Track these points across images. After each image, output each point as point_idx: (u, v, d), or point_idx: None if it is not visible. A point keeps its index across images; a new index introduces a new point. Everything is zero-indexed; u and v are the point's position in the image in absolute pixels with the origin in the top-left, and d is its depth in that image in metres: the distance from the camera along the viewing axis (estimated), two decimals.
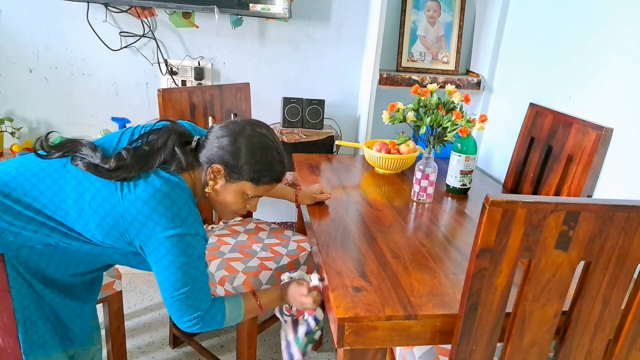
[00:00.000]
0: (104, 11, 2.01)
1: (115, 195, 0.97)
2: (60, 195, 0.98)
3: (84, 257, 1.05)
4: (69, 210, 0.97)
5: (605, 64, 1.34)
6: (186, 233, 0.97)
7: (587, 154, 1.35)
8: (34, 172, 0.99)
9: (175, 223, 0.96)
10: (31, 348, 1.00)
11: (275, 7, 1.92)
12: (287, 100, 2.01)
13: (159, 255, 0.97)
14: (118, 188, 0.97)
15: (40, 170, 1.00)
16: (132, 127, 1.09)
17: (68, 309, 1.08)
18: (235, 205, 1.11)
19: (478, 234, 0.70)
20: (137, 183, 0.97)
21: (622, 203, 0.70)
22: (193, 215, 0.99)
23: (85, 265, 1.08)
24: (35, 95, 2.12)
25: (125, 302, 2.11)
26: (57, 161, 1.02)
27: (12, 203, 0.95)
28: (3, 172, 0.99)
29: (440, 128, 1.40)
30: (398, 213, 1.36)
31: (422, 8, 2.06)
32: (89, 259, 1.06)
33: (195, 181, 1.07)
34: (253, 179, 1.06)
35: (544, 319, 0.79)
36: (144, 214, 0.95)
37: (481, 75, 2.04)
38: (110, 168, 0.97)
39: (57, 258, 1.02)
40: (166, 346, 1.85)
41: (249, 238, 1.59)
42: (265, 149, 1.06)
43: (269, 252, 1.50)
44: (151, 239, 0.96)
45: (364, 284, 0.96)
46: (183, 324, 1.04)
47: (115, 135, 1.09)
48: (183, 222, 0.97)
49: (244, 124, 1.08)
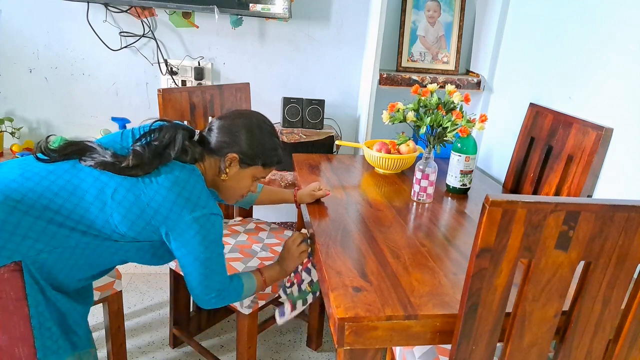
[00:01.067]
0: (104, 11, 2.01)
1: (138, 186, 1.00)
2: (78, 194, 0.99)
3: (100, 256, 1.07)
4: (89, 206, 0.99)
5: (605, 64, 1.34)
6: (211, 213, 1.04)
7: (587, 154, 1.35)
8: (42, 175, 1.00)
9: (200, 205, 1.03)
10: (46, 355, 1.01)
11: (275, 7, 1.92)
12: (287, 100, 2.01)
13: (188, 237, 1.02)
14: (139, 179, 1.01)
15: (48, 174, 1.00)
16: (130, 129, 1.11)
17: (75, 312, 1.10)
18: (245, 189, 1.21)
19: (478, 234, 0.71)
20: (157, 173, 1.02)
21: (622, 203, 0.70)
22: (211, 199, 1.07)
23: (98, 266, 1.10)
24: (35, 95, 2.12)
25: (125, 302, 2.11)
26: (64, 163, 1.03)
27: (27, 208, 0.96)
28: (7, 180, 0.99)
29: (440, 128, 1.40)
30: (398, 213, 1.36)
31: (422, 8, 2.07)
32: (104, 258, 1.08)
33: (205, 170, 1.14)
34: (264, 164, 1.17)
35: (544, 319, 0.79)
36: (170, 199, 1.00)
37: (481, 75, 2.04)
38: (129, 165, 1.00)
39: (72, 261, 1.03)
40: (166, 346, 1.85)
41: (249, 238, 1.59)
42: (271, 136, 1.18)
43: (269, 252, 1.50)
44: (179, 223, 1.01)
45: (364, 284, 0.96)
46: (209, 300, 1.11)
47: (115, 136, 1.11)
48: (206, 203, 1.04)
49: (249, 115, 1.19)
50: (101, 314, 1.43)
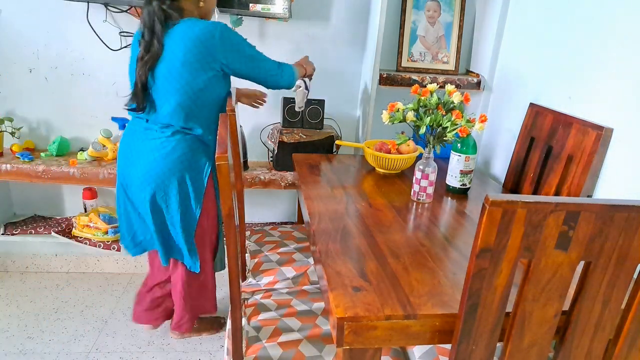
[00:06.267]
0: (104, 11, 2.01)
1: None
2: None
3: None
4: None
5: (605, 64, 1.34)
6: (224, 24, 1.46)
7: (587, 154, 1.35)
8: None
9: (216, 26, 1.44)
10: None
11: (275, 7, 1.92)
12: (287, 100, 2.01)
13: (233, 44, 1.47)
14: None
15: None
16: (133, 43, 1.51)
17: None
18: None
19: (478, 234, 0.70)
20: (176, 25, 1.43)
21: (622, 203, 0.70)
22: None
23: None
24: (35, 95, 2.12)
25: (125, 302, 2.11)
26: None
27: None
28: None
29: (440, 128, 1.40)
30: (398, 213, 1.36)
31: (422, 8, 2.06)
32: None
33: (192, 12, 1.50)
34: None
35: (544, 319, 0.79)
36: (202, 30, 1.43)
37: (481, 75, 2.04)
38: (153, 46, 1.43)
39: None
40: (166, 346, 1.85)
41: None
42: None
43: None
44: (221, 41, 1.44)
45: (363, 283, 0.96)
46: (283, 80, 1.62)
47: (132, 60, 1.51)
48: (218, 22, 1.46)
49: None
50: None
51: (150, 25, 1.41)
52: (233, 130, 1.39)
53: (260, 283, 1.46)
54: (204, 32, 1.40)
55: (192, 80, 1.43)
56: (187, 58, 1.40)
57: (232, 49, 1.46)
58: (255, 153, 2.23)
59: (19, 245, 2.27)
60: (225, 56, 1.45)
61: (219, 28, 1.43)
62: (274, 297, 1.38)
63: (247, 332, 1.24)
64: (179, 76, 1.42)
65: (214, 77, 1.47)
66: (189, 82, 1.43)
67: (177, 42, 1.40)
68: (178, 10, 1.44)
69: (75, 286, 2.22)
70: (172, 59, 1.41)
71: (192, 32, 1.40)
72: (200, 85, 1.44)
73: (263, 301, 1.36)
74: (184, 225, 1.53)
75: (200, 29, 1.41)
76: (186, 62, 1.40)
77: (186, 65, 1.41)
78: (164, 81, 1.43)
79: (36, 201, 2.31)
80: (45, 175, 1.96)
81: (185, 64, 1.40)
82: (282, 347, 1.16)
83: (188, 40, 1.40)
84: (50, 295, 2.14)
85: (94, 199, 2.26)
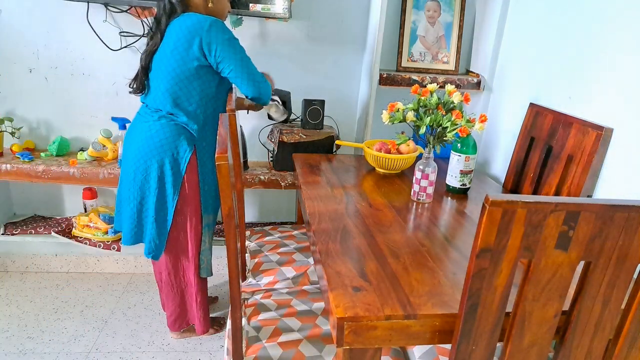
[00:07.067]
0: (104, 11, 2.01)
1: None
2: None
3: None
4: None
5: (605, 64, 1.34)
6: (220, 20, 1.53)
7: (587, 154, 1.35)
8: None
9: (208, 19, 1.49)
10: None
11: (275, 7, 1.92)
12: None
13: (222, 38, 1.50)
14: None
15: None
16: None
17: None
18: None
19: (478, 234, 0.70)
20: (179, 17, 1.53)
21: (622, 203, 0.70)
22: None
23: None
24: (35, 95, 2.12)
25: (125, 302, 2.11)
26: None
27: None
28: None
29: (440, 128, 1.40)
30: (398, 213, 1.36)
31: (422, 8, 2.06)
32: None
33: (197, 8, 1.58)
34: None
35: (544, 319, 0.79)
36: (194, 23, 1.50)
37: (481, 75, 2.04)
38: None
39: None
40: (166, 346, 1.85)
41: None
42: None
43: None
44: (208, 32, 1.48)
45: (363, 283, 0.96)
46: (264, 91, 1.63)
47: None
48: (213, 17, 1.52)
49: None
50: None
51: (158, 17, 1.55)
52: (233, 130, 1.39)
53: (260, 283, 1.46)
54: (194, 22, 1.48)
55: (178, 68, 1.51)
56: (177, 46, 1.49)
57: (221, 43, 1.50)
58: (255, 153, 2.23)
59: (19, 245, 2.27)
60: (211, 48, 1.50)
61: (210, 21, 1.49)
62: (274, 297, 1.38)
63: (247, 332, 1.24)
64: (167, 63, 1.52)
65: (200, 68, 1.53)
66: (174, 69, 1.52)
67: (171, 32, 1.51)
68: (184, 5, 1.55)
69: (75, 286, 2.23)
70: (164, 47, 1.53)
71: (184, 23, 1.49)
72: (186, 73, 1.52)
73: (263, 301, 1.37)
74: (156, 208, 1.58)
75: (193, 20, 1.49)
76: (175, 50, 1.50)
77: (174, 53, 1.50)
78: (156, 67, 1.56)
79: (36, 201, 2.31)
80: (45, 175, 1.96)
81: (174, 51, 1.50)
82: (282, 347, 1.16)
83: (179, 30, 1.49)
84: (50, 295, 2.15)
85: (94, 199, 2.26)
